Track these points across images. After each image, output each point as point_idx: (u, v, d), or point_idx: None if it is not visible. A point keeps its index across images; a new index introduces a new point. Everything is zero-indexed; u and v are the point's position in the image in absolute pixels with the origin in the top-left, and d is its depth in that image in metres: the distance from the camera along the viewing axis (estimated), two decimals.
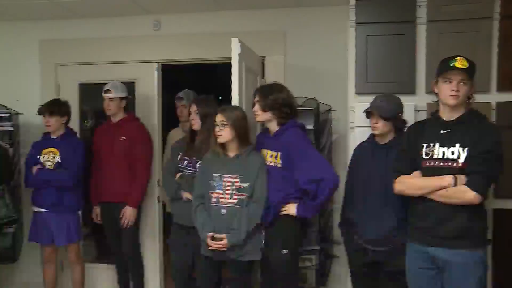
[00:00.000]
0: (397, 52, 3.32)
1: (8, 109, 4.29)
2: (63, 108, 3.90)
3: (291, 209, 2.91)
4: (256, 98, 3.02)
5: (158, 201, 4.38)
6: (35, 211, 3.91)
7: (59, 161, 3.82)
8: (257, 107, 3.01)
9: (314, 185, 2.80)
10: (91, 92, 4.55)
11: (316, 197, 2.84)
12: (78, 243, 4.05)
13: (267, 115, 3.00)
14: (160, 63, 4.39)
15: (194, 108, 3.33)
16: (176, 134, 4.22)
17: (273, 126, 3.03)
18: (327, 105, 3.80)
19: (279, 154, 2.94)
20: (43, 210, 3.86)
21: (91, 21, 4.44)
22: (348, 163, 3.18)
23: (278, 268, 2.97)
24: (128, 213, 3.93)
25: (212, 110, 3.22)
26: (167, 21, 4.32)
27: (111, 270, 4.39)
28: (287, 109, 2.99)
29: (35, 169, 3.83)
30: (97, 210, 4.12)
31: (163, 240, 4.40)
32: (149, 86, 4.36)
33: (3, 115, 4.22)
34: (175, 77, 5.10)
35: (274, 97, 2.96)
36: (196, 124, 3.31)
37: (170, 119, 4.69)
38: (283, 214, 2.93)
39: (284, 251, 2.91)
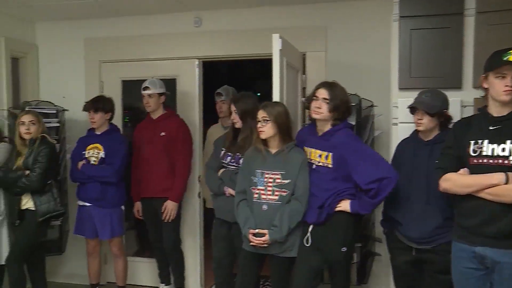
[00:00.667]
0: (443, 46, 3.22)
1: (55, 106, 4.40)
2: (107, 104, 3.98)
3: (345, 206, 2.86)
4: (323, 95, 2.89)
5: (199, 197, 4.43)
6: (80, 205, 4.02)
7: (103, 156, 3.91)
8: (321, 104, 2.88)
9: (376, 184, 2.73)
10: (134, 89, 4.64)
11: (377, 195, 2.76)
12: (121, 237, 4.14)
13: (331, 115, 2.90)
14: (201, 60, 4.42)
15: (233, 106, 3.35)
16: (216, 131, 4.26)
17: (325, 126, 2.94)
18: (369, 100, 3.74)
19: (330, 154, 2.87)
20: (87, 204, 3.96)
21: (133, 19, 4.51)
22: (391, 159, 3.12)
23: (337, 266, 2.94)
24: (169, 207, 3.98)
25: (251, 107, 3.22)
26: (208, 17, 4.34)
27: (152, 264, 4.47)
28: (347, 114, 2.93)
29: (80, 164, 3.93)
30: (138, 205, 4.19)
31: (204, 235, 4.43)
32: (190, 83, 4.40)
33: (50, 111, 4.31)
34: (215, 72, 5.11)
35: (343, 99, 2.88)
36: (237, 122, 3.33)
37: (209, 115, 4.72)
38: (337, 212, 2.87)
39: (344, 249, 2.87)
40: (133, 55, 4.52)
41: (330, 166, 2.88)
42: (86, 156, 3.94)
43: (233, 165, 3.31)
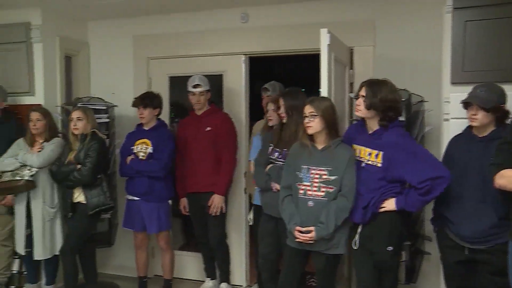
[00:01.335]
0: (500, 38, 3.08)
1: (105, 102, 4.50)
2: (156, 100, 4.04)
3: (390, 205, 2.80)
4: (362, 93, 2.86)
5: (245, 193, 4.44)
6: (128, 199, 4.10)
7: (151, 151, 3.97)
8: (360, 101, 2.86)
9: (429, 182, 2.65)
10: (180, 85, 4.71)
11: (429, 193, 2.69)
12: (168, 231, 4.20)
13: (370, 113, 2.84)
14: (248, 55, 4.42)
15: (281, 101, 3.33)
16: (261, 126, 4.24)
17: (373, 124, 2.88)
18: (419, 96, 3.63)
19: (380, 153, 2.81)
20: (136, 198, 4.03)
21: (180, 16, 4.55)
22: (442, 156, 3.03)
23: (384, 266, 2.88)
24: (216, 201, 4.01)
25: (298, 103, 3.20)
26: (255, 13, 4.33)
27: (198, 258, 4.52)
28: (392, 114, 2.82)
29: (129, 159, 4.00)
30: (184, 201, 4.23)
31: (249, 231, 4.45)
32: (237, 78, 4.41)
33: (100, 107, 4.41)
34: (261, 68, 5.09)
35: (382, 97, 2.79)
36: (284, 118, 3.32)
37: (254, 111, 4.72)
38: (382, 211, 2.81)
39: (390, 249, 2.81)
40: (180, 51, 4.57)
41: (379, 165, 2.81)
42: (135, 151, 4.01)
43: (280, 161, 3.30)
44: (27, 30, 4.35)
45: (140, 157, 3.98)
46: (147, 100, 3.99)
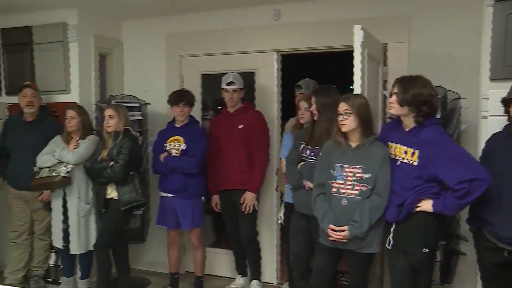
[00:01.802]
0: None
1: (138, 99, 4.55)
2: (192, 98, 4.07)
3: (427, 205, 2.73)
4: (395, 90, 2.81)
5: (276, 190, 4.43)
6: (162, 196, 4.12)
7: (184, 148, 3.99)
8: (393, 99, 2.80)
9: (466, 184, 2.57)
10: (212, 82, 4.73)
11: (466, 196, 2.61)
12: (201, 228, 4.21)
13: (403, 110, 2.78)
14: (280, 53, 4.41)
15: (313, 99, 3.32)
16: (293, 124, 4.22)
17: (408, 122, 2.82)
18: (456, 93, 3.54)
19: (417, 152, 2.74)
20: (170, 195, 4.05)
21: (213, 14, 4.57)
22: (479, 154, 2.95)
23: (419, 267, 2.82)
24: (248, 199, 4.02)
25: (329, 100, 3.18)
26: (286, 10, 4.31)
27: (229, 255, 4.54)
28: (427, 108, 2.74)
29: (162, 156, 4.02)
30: (216, 198, 4.25)
31: (280, 229, 4.43)
32: (269, 76, 4.40)
33: (133, 105, 4.46)
34: (294, 65, 5.06)
35: (415, 92, 2.72)
36: (315, 115, 3.30)
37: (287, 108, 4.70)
38: (417, 211, 2.76)
39: (425, 250, 2.75)
40: (213, 49, 4.59)
41: (415, 163, 2.75)
42: (167, 148, 4.03)
43: (312, 159, 3.28)
44: (64, 30, 4.45)
45: (173, 154, 4.00)
46: (186, 97, 4.02)
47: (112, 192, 3.90)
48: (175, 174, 3.98)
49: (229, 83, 4.02)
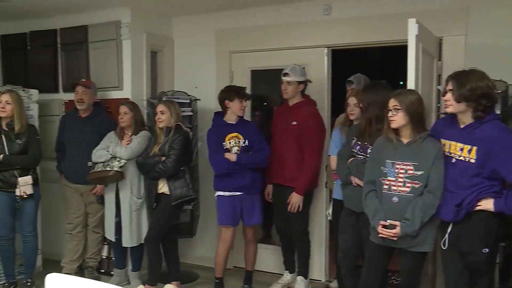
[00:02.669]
0: None
1: (188, 95, 4.60)
2: (245, 93, 4.06)
3: (488, 205, 2.63)
4: (449, 86, 2.71)
5: (326, 187, 4.37)
6: (226, 196, 3.96)
7: (245, 144, 3.96)
8: (449, 96, 2.70)
9: None
10: (261, 78, 4.73)
11: None
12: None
13: (461, 106, 2.68)
14: (330, 48, 4.35)
15: (362, 95, 3.29)
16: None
17: (466, 118, 2.71)
18: None
19: (474, 148, 2.64)
20: (236, 193, 3.97)
21: (262, 9, 4.56)
22: None
23: (479, 268, 2.74)
24: (293, 200, 3.98)
25: (379, 96, 3.12)
26: (337, 5, 4.25)
27: (278, 251, 4.51)
28: (486, 101, 2.62)
29: (232, 155, 3.90)
30: (269, 188, 4.24)
31: (329, 226, 4.38)
32: (319, 72, 4.34)
33: (184, 101, 4.51)
34: (343, 59, 4.95)
35: (472, 86, 2.62)
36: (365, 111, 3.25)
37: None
38: (477, 210, 2.66)
39: (486, 250, 2.65)
40: (262, 45, 4.59)
41: (472, 161, 2.65)
42: (227, 147, 3.94)
43: (361, 155, 3.22)
44: (117, 28, 4.58)
45: (234, 151, 3.93)
46: (246, 92, 4.03)
47: (163, 187, 3.96)
48: (245, 171, 3.92)
49: (284, 74, 3.99)
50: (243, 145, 3.95)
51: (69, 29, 4.85)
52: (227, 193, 3.97)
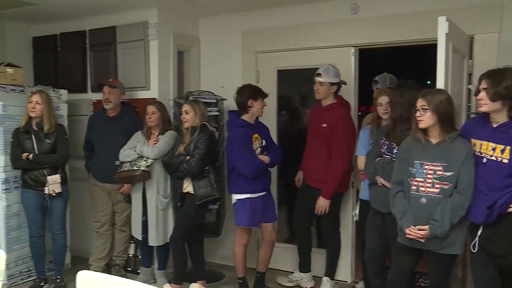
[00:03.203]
0: None
1: (214, 95, 4.61)
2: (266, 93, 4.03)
3: None
4: (483, 85, 2.65)
5: (352, 187, 4.33)
6: (253, 197, 3.91)
7: (263, 145, 3.96)
8: (483, 95, 2.65)
9: None
10: (288, 78, 4.70)
11: None
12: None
13: (496, 105, 2.62)
14: (357, 47, 4.30)
15: (388, 95, 3.27)
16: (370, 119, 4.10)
17: (500, 117, 2.65)
18: None
19: (508, 148, 2.58)
20: (262, 193, 3.95)
21: (288, 9, 4.54)
22: None
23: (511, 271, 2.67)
24: (320, 203, 3.95)
25: (402, 97, 3.09)
26: (365, 3, 4.20)
27: (291, 250, 4.50)
28: None
29: (265, 158, 3.90)
30: (300, 174, 4.27)
31: (356, 226, 4.33)
32: (346, 71, 4.27)
33: (210, 100, 4.52)
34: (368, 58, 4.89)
35: (508, 84, 2.56)
36: (391, 111, 3.22)
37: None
38: (509, 212, 2.59)
39: None
40: (288, 44, 4.57)
41: (505, 161, 2.59)
42: (254, 148, 3.91)
43: (387, 155, 3.18)
44: (145, 29, 4.63)
45: (258, 152, 3.92)
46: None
47: (188, 186, 3.97)
48: (268, 171, 3.99)
49: (317, 74, 3.95)
50: (262, 145, 3.95)
51: (98, 30, 4.93)
52: (254, 195, 3.89)
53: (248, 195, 3.89)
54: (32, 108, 4.05)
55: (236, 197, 3.93)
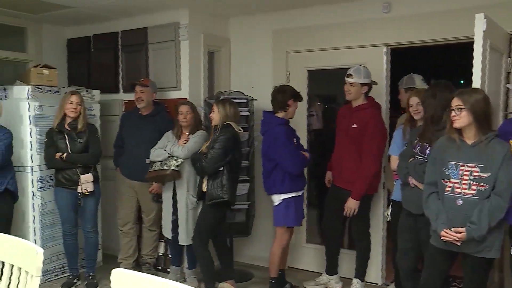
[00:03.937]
0: None
1: (245, 95, 4.60)
2: None
3: None
4: None
5: (383, 188, 4.27)
6: (297, 196, 3.97)
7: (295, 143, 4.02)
8: None
9: None
10: (318, 78, 4.66)
11: None
12: None
13: None
14: (389, 47, 4.24)
15: (420, 95, 3.24)
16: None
17: None
18: None
19: None
20: (303, 191, 4.05)
21: (319, 8, 4.51)
22: None
23: None
24: (349, 205, 3.91)
25: (431, 98, 3.05)
26: (397, 2, 4.13)
27: (318, 251, 4.47)
28: None
29: (306, 154, 4.02)
30: (329, 175, 4.27)
31: (387, 226, 4.27)
32: (377, 71, 4.21)
33: (241, 101, 4.50)
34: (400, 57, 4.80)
35: None
36: (424, 111, 3.18)
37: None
38: None
39: None
40: (319, 44, 4.53)
41: None
42: None
43: (420, 156, 3.12)
44: (176, 29, 4.66)
45: None
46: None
47: (205, 186, 3.92)
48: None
49: (348, 75, 3.91)
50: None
51: (130, 32, 5.00)
52: (299, 193, 3.99)
53: (293, 194, 3.92)
54: (74, 108, 4.12)
55: (281, 197, 3.92)
